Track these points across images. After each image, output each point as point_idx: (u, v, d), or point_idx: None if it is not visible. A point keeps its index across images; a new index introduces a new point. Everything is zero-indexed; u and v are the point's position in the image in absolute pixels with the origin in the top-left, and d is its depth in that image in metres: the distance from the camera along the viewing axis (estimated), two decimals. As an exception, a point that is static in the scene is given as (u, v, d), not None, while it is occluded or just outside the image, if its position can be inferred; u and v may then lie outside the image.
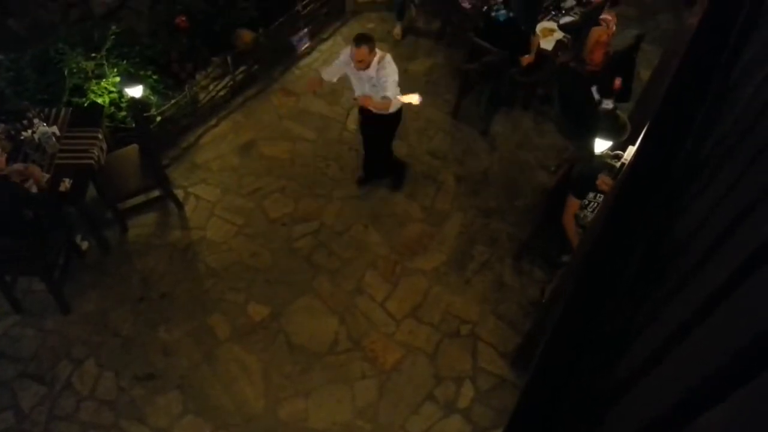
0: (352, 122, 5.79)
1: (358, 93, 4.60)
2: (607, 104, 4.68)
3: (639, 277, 1.79)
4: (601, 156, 4.21)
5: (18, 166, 4.19)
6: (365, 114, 4.73)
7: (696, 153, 2.11)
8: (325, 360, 4.30)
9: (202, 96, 5.70)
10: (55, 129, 4.54)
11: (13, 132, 4.49)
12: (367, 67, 4.26)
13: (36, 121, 4.53)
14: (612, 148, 4.25)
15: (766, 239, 0.90)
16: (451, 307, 4.59)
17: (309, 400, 4.12)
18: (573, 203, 4.22)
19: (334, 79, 4.59)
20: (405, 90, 4.49)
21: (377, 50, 4.27)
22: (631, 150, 4.01)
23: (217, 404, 4.08)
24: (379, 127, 4.79)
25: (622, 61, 5.18)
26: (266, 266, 4.75)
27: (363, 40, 4.15)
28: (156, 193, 4.94)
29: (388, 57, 4.31)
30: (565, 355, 1.46)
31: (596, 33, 4.80)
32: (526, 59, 5.24)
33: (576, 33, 5.36)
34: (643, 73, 5.71)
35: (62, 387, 4.13)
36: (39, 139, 4.45)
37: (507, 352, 4.36)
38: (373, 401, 4.13)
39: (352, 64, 4.29)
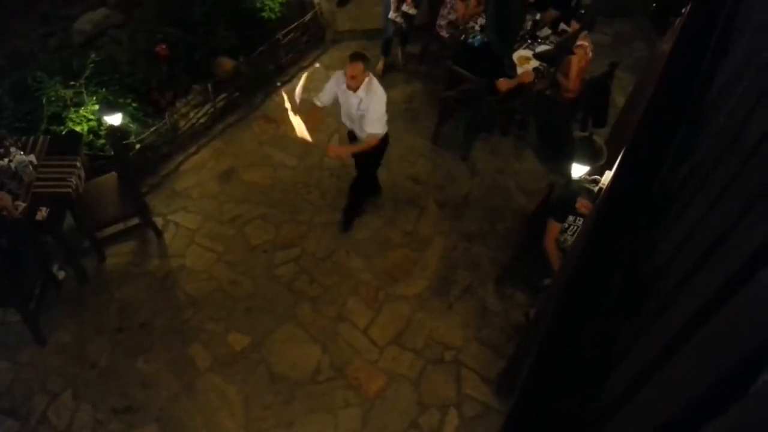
0: (333, 149, 5.81)
1: (345, 118, 4.67)
2: (591, 131, 4.76)
3: (619, 300, 1.81)
4: (579, 180, 4.27)
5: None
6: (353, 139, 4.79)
7: (672, 177, 2.15)
8: (308, 389, 4.24)
9: (182, 123, 5.68)
10: (32, 157, 4.49)
11: (-11, 160, 4.43)
12: (357, 88, 4.30)
13: (13, 149, 4.47)
14: (589, 173, 4.32)
15: (744, 261, 0.91)
16: (435, 333, 4.57)
17: (291, 431, 4.05)
18: (553, 227, 4.26)
19: (329, 103, 4.64)
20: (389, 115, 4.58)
21: (368, 72, 4.34)
22: (608, 174, 4.09)
23: (196, 436, 3.99)
24: (367, 154, 4.77)
25: (597, 88, 5.30)
26: (247, 294, 4.70)
27: (359, 56, 4.26)
28: (135, 221, 4.89)
29: (376, 81, 4.38)
30: (548, 379, 1.46)
31: (576, 60, 4.91)
32: (504, 84, 5.31)
33: (551, 61, 5.48)
34: (618, 100, 5.84)
35: (37, 421, 4.02)
36: (15, 167, 4.38)
37: (491, 378, 4.34)
38: (357, 430, 4.07)
39: (343, 85, 4.35)
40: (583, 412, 1.45)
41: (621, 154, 2.43)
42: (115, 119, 4.60)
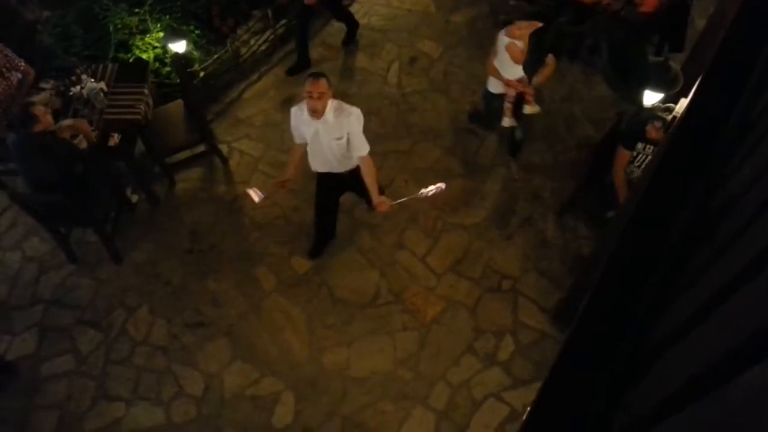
0: (393, 76, 5.73)
1: (317, 162, 3.96)
2: (667, 55, 4.49)
3: (687, 234, 1.76)
4: (652, 109, 4.08)
5: (67, 121, 4.30)
6: (333, 178, 4.12)
7: (752, 107, 2.02)
8: (367, 312, 4.39)
9: (243, 51, 5.71)
10: (102, 84, 4.64)
11: (62, 88, 4.62)
12: (323, 111, 3.60)
13: (84, 77, 4.64)
14: (663, 101, 4.12)
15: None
16: (492, 263, 4.60)
17: (351, 350, 4.24)
18: (623, 154, 4.12)
19: (306, 140, 3.87)
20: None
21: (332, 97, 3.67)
22: (683, 102, 3.88)
23: (264, 352, 4.23)
24: (352, 182, 4.11)
25: (676, 8, 4.95)
26: (309, 221, 4.82)
27: (320, 74, 3.61)
28: (201, 148, 5.04)
29: (345, 104, 3.76)
30: (608, 311, 1.46)
31: None
32: None
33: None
34: (698, 22, 5.44)
35: (117, 333, 4.35)
36: (87, 94, 4.56)
37: (548, 308, 4.36)
38: (414, 352, 4.22)
39: (305, 116, 3.67)
40: (640, 344, 1.45)
41: (698, 80, 2.29)
42: (179, 47, 4.66)
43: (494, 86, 4.72)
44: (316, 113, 3.60)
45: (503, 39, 4.42)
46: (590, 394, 1.30)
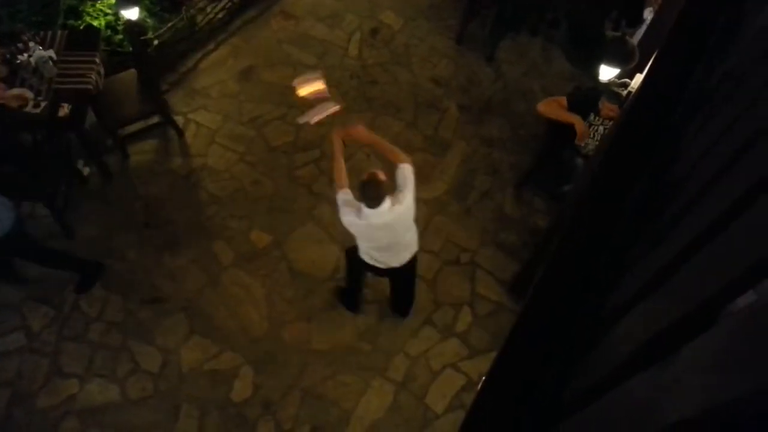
0: (354, 48, 5.66)
1: (379, 251, 3.57)
2: (624, 30, 4.52)
3: (640, 208, 1.81)
4: (608, 84, 4.14)
5: (14, 90, 4.13)
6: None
7: (706, 82, 2.07)
8: (326, 286, 4.40)
9: (199, 19, 5.53)
10: (51, 53, 4.44)
11: (8, 56, 4.40)
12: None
13: (31, 44, 4.42)
14: (619, 76, 4.18)
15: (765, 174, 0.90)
16: (452, 236, 4.64)
17: (311, 324, 4.25)
18: (563, 102, 4.19)
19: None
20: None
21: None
22: (638, 78, 3.95)
23: (222, 326, 4.20)
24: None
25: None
26: (268, 194, 4.77)
27: (377, 176, 3.23)
28: (155, 119, 4.89)
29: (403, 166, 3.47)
30: (561, 284, 1.50)
31: None
32: None
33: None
34: (655, -1, 5.52)
35: (70, 309, 4.24)
36: (35, 62, 4.36)
37: (505, 280, 4.45)
38: (373, 325, 4.26)
39: (368, 212, 3.24)
40: (594, 314, 1.49)
41: (654, 55, 2.33)
42: (132, 13, 4.48)
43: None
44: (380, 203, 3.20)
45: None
46: (543, 363, 1.33)
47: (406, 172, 3.35)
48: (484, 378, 1.41)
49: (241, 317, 4.25)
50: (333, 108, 3.54)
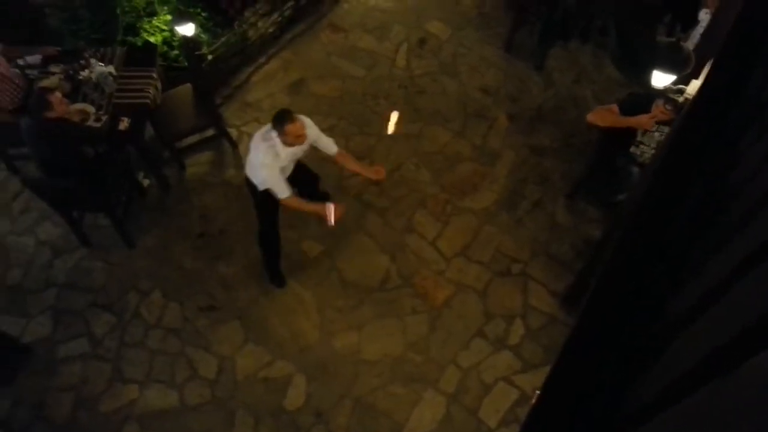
0: (402, 58, 5.70)
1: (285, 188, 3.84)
2: (679, 35, 4.39)
3: (697, 217, 1.75)
4: (663, 90, 4.04)
5: (77, 105, 4.33)
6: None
7: (763, 89, 2.00)
8: (376, 296, 4.42)
9: (251, 33, 5.68)
10: (111, 68, 4.64)
11: (71, 72, 4.62)
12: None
13: (92, 61, 4.64)
14: (675, 83, 4.07)
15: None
16: (502, 246, 4.60)
17: (361, 333, 4.27)
18: (615, 109, 4.09)
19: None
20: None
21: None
22: (695, 84, 3.83)
23: (275, 335, 4.27)
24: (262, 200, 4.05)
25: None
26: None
27: (290, 114, 3.66)
28: (210, 132, 5.05)
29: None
30: (617, 296, 1.47)
31: None
32: None
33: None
34: (711, 0, 5.35)
35: (131, 316, 4.40)
36: (96, 78, 4.56)
37: (558, 291, 4.37)
38: (424, 335, 4.25)
39: (283, 148, 3.71)
40: (648, 329, 1.45)
41: (711, 60, 2.27)
42: (187, 29, 4.65)
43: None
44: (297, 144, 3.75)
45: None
46: (598, 378, 1.31)
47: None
48: (538, 392, 1.39)
49: (292, 326, 4.31)
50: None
